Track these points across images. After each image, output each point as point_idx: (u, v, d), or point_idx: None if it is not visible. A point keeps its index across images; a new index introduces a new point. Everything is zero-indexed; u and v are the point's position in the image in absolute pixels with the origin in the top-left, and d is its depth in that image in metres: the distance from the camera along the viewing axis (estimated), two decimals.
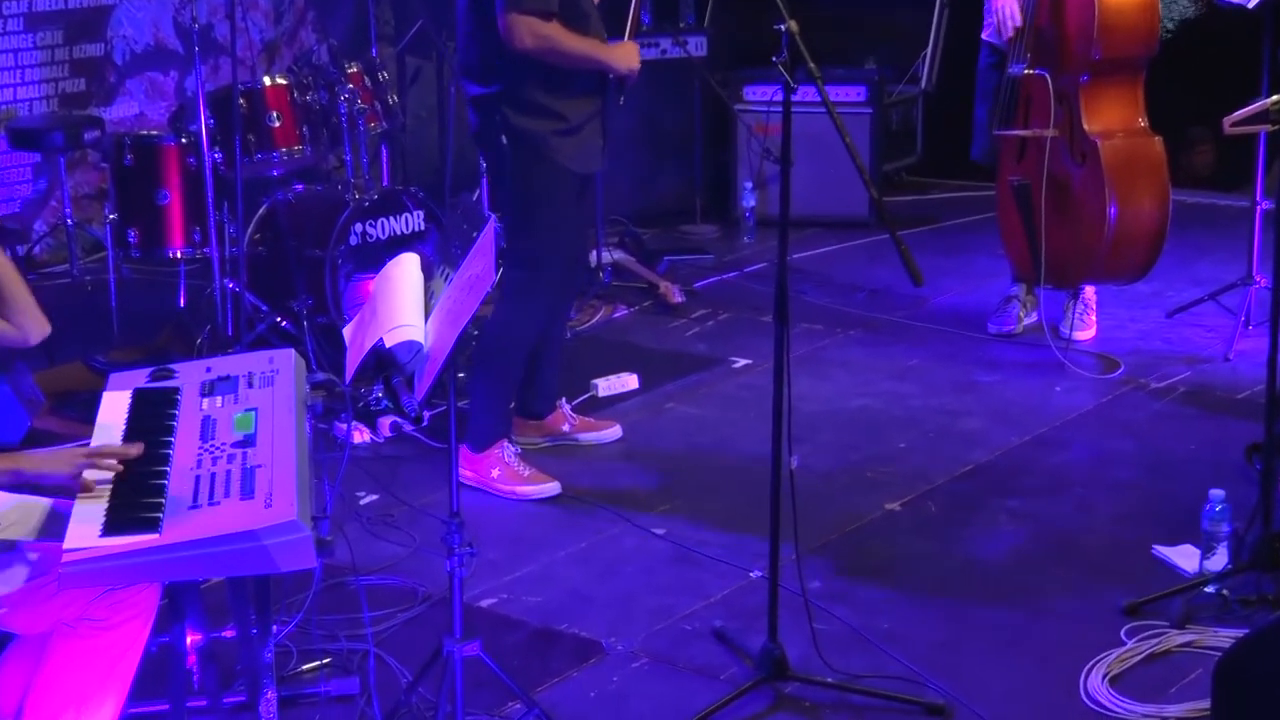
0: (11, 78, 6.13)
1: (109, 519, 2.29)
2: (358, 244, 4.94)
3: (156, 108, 6.52)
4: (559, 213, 4.06)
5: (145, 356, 4.92)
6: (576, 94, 3.98)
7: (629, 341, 5.43)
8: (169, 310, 5.41)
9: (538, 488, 4.14)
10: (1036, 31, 4.88)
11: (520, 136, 3.97)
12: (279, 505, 2.26)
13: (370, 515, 4.02)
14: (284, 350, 2.89)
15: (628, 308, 5.77)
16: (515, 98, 3.94)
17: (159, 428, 2.59)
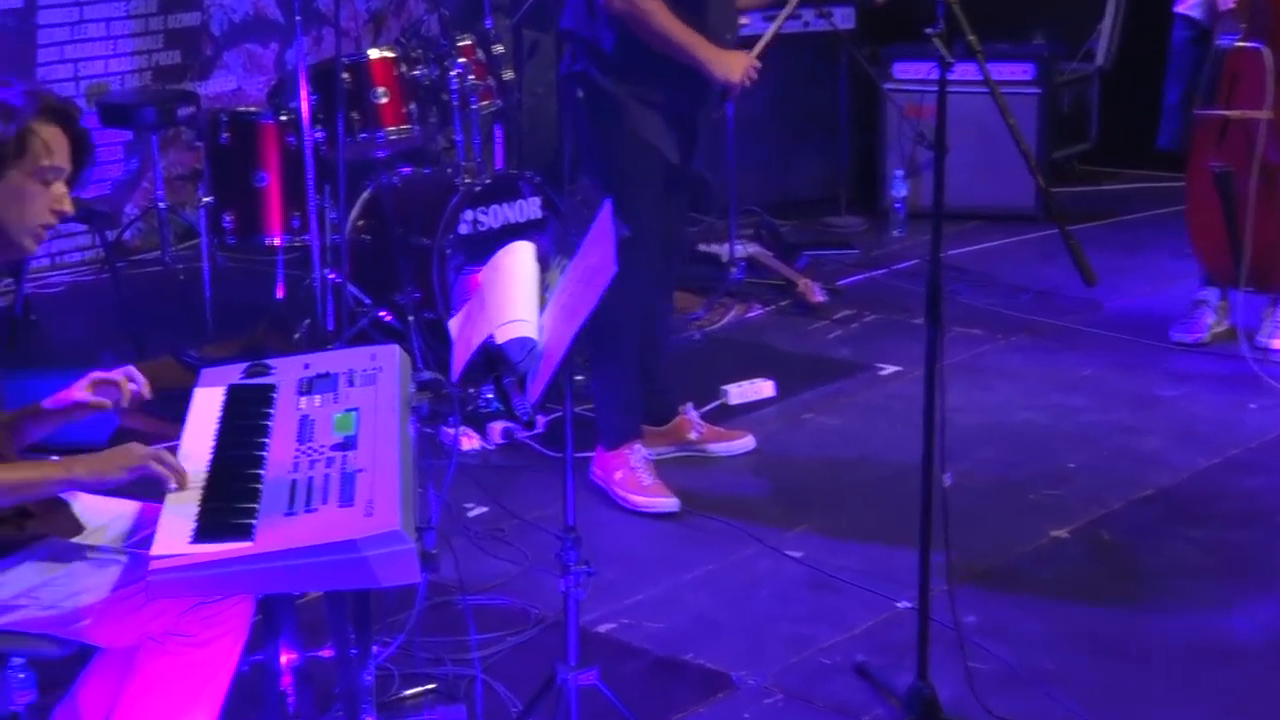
0: (102, 49, 6.30)
1: (200, 524, 2.34)
2: (468, 233, 5.00)
3: (255, 82, 6.66)
4: (642, 189, 4.03)
5: (240, 351, 5.03)
6: (663, 76, 3.97)
7: (764, 344, 5.41)
8: (265, 302, 5.52)
9: (652, 500, 4.15)
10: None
11: (600, 94, 3.98)
12: (380, 514, 2.29)
13: (479, 528, 4.06)
14: (387, 347, 2.93)
15: (763, 307, 5.75)
16: (607, 47, 3.95)
17: (254, 427, 2.64)
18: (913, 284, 5.83)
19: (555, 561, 2.94)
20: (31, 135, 2.47)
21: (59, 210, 2.53)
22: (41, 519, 2.58)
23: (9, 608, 2.48)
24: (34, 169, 2.48)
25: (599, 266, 2.66)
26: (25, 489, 2.48)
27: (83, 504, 2.73)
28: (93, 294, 6.01)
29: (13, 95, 2.48)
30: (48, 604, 2.48)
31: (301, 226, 5.14)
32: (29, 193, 2.48)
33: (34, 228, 2.51)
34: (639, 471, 4.19)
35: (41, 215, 2.51)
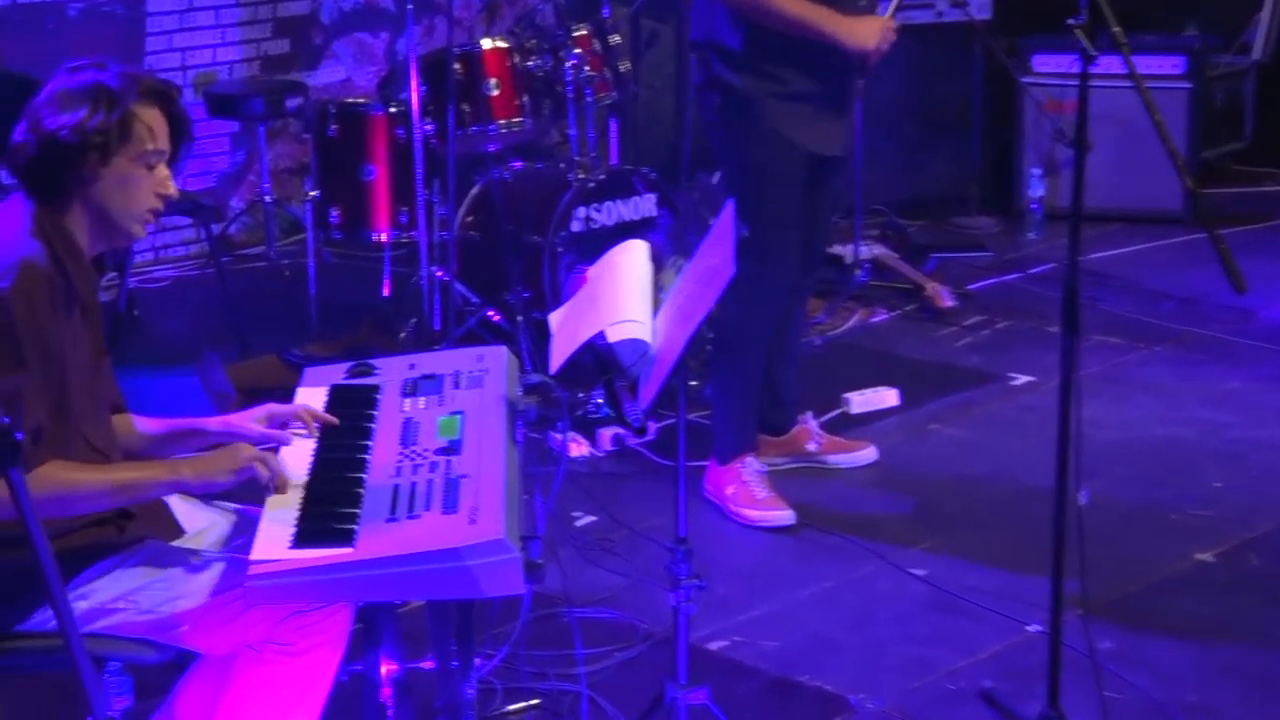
0: (210, 38, 6.41)
1: (300, 529, 2.37)
2: (581, 230, 5.02)
3: (364, 73, 6.74)
4: (782, 188, 4.02)
5: (344, 350, 5.10)
6: (798, 62, 3.95)
7: (888, 350, 5.37)
8: (371, 300, 5.60)
9: (766, 514, 4.14)
10: None
11: (734, 95, 3.96)
12: (485, 522, 2.30)
13: (587, 539, 4.07)
14: (495, 348, 2.95)
15: (888, 311, 5.71)
16: (735, 46, 3.93)
17: (356, 429, 2.68)
18: (1048, 289, 5.76)
19: (665, 575, 2.94)
20: (134, 119, 2.52)
21: (164, 194, 2.57)
22: (142, 521, 2.63)
23: (107, 610, 2.53)
24: (138, 154, 2.52)
25: (717, 268, 2.65)
26: (131, 491, 2.53)
27: (183, 507, 2.78)
28: (197, 289, 6.12)
29: (110, 78, 2.53)
30: (146, 608, 2.52)
31: (409, 222, 5.19)
32: (134, 178, 2.53)
33: (141, 213, 2.56)
34: (752, 485, 4.18)
35: (147, 200, 2.56)
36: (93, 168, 2.50)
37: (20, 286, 2.41)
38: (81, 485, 2.49)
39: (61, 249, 2.50)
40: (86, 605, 2.51)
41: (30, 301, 2.41)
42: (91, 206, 2.53)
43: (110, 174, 2.51)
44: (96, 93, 2.50)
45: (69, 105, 2.50)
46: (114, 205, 2.54)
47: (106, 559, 2.56)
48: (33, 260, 2.44)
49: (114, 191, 2.53)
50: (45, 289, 2.45)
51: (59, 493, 2.46)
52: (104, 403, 2.65)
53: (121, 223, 2.56)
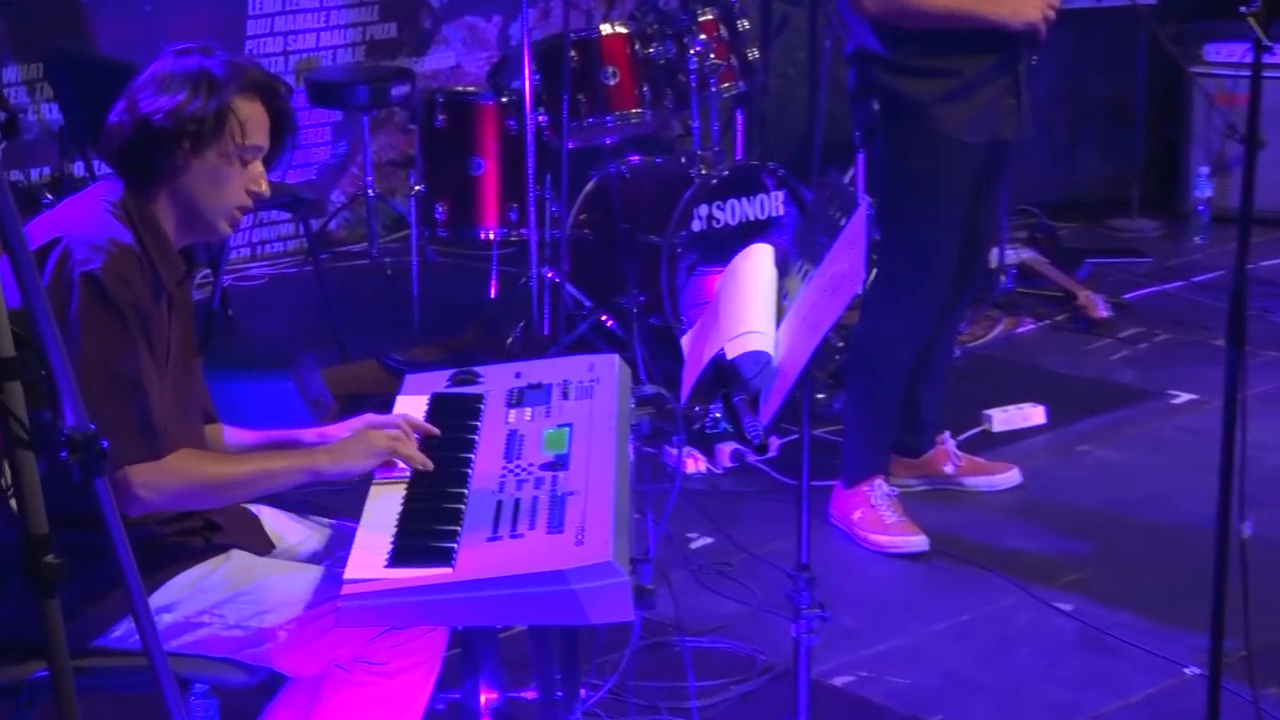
0: (314, 21, 6.50)
1: (397, 546, 2.40)
2: (702, 230, 5.03)
3: (475, 59, 6.80)
4: (945, 196, 4.02)
5: (447, 355, 5.15)
6: (969, 50, 3.93)
7: (1035, 364, 5.32)
8: (477, 302, 5.65)
9: (897, 540, 4.12)
10: None
11: (897, 101, 3.95)
12: (592, 543, 2.32)
13: (702, 562, 4.08)
14: (607, 356, 2.97)
15: (1035, 321, 5.65)
16: (890, 53, 3.92)
17: (458, 441, 2.71)
18: (1214, 299, 5.66)
19: (786, 603, 2.94)
20: (232, 111, 2.56)
21: (255, 192, 2.62)
22: (230, 532, 2.69)
23: (193, 625, 2.58)
24: (233, 147, 2.57)
25: (847, 275, 2.65)
26: (270, 480, 2.59)
27: (274, 520, 2.83)
28: (294, 288, 6.22)
29: (215, 65, 2.57)
30: (233, 623, 2.57)
31: (519, 220, 5.24)
32: (226, 172, 2.57)
33: (229, 209, 2.61)
34: (880, 509, 4.16)
35: (237, 197, 2.60)
36: (184, 156, 2.55)
37: (111, 265, 2.46)
38: (224, 475, 2.57)
39: (148, 236, 2.55)
40: (171, 619, 2.56)
41: (126, 280, 2.47)
42: (180, 197, 2.58)
43: (202, 165, 2.56)
44: (198, 79, 2.55)
45: (168, 89, 2.55)
46: (203, 198, 2.59)
47: (191, 568, 2.61)
48: (121, 240, 2.50)
49: (204, 184, 2.58)
50: (136, 270, 2.50)
51: (199, 484, 2.55)
52: (195, 408, 2.70)
53: (209, 217, 2.61)
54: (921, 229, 4.03)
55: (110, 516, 1.89)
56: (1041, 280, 5.86)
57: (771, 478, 4.50)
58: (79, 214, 2.55)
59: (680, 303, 4.97)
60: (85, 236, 2.48)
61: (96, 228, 2.51)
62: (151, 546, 2.55)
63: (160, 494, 2.50)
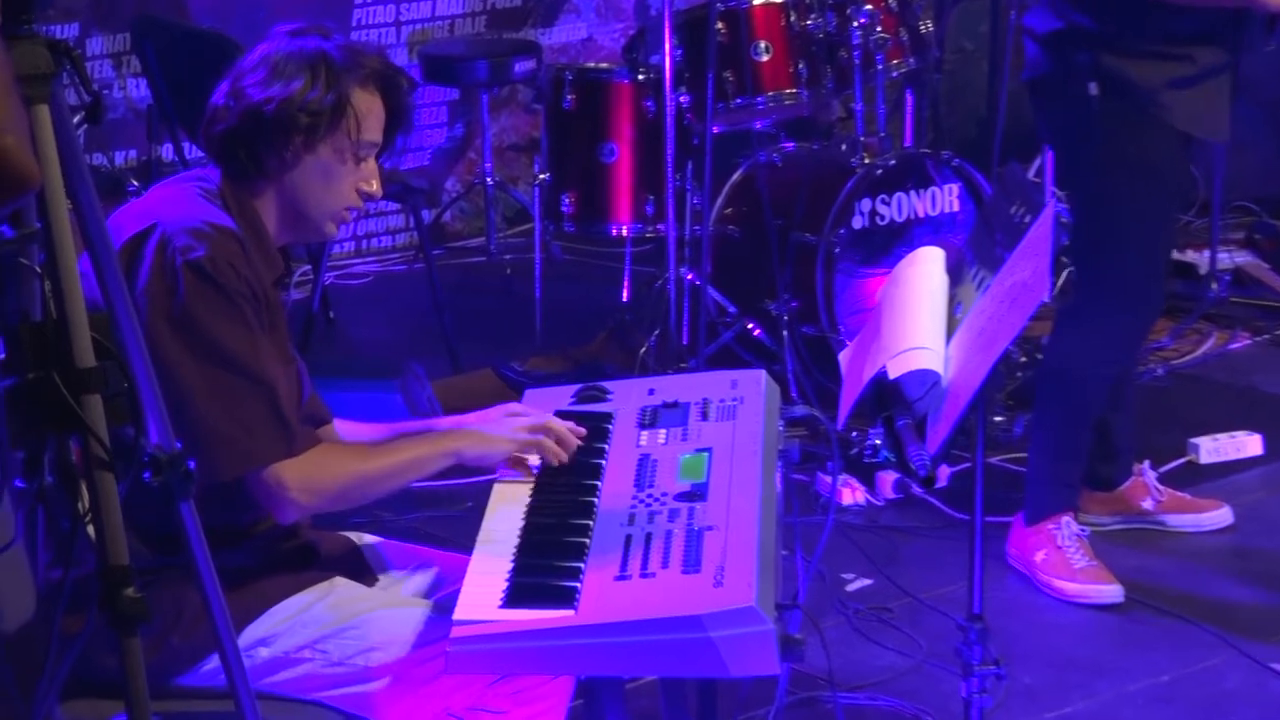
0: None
1: (513, 585, 2.42)
2: (865, 227, 5.02)
3: (610, 31, 6.83)
4: (1160, 195, 3.98)
5: (572, 367, 5.18)
6: (1201, 34, 3.89)
7: (1250, 385, 5.25)
8: (607, 306, 5.68)
9: (1087, 587, 4.07)
10: None
11: (1120, 87, 3.90)
12: (733, 585, 2.32)
13: (859, 608, 4.07)
14: (753, 371, 2.97)
15: (1252, 336, 5.57)
16: (1118, 34, 3.88)
17: (583, 466, 2.72)
18: None
19: (956, 657, 2.92)
20: (350, 103, 2.59)
21: (366, 192, 2.66)
22: (331, 559, 2.73)
23: (291, 660, 2.61)
24: (347, 144, 2.60)
25: (1029, 285, 2.63)
26: (416, 468, 2.67)
27: (378, 547, 2.87)
28: (402, 287, 6.29)
29: (334, 50, 2.61)
30: (336, 659, 2.61)
31: (656, 213, 5.26)
32: (336, 170, 2.61)
33: (337, 210, 2.65)
34: (1068, 551, 4.11)
35: (347, 196, 2.64)
36: (295, 151, 2.59)
37: (216, 252, 2.51)
38: (374, 467, 2.64)
39: (247, 229, 2.60)
40: (268, 653, 2.60)
41: (235, 269, 2.52)
42: (285, 193, 2.63)
43: (313, 160, 2.60)
44: (315, 65, 2.58)
45: (281, 74, 2.58)
46: (309, 196, 2.63)
47: (291, 598, 2.65)
48: (223, 225, 2.55)
49: (313, 181, 2.62)
50: (242, 256, 2.55)
51: (353, 479, 2.63)
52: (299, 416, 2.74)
53: (315, 216, 2.65)
54: (1142, 230, 3.97)
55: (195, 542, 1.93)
56: (1260, 288, 5.77)
57: (940, 512, 4.47)
58: (173, 199, 2.60)
59: (838, 310, 4.95)
60: (182, 222, 2.53)
61: (194, 212, 2.56)
62: (247, 573, 2.60)
63: (315, 494, 2.58)
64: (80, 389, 1.93)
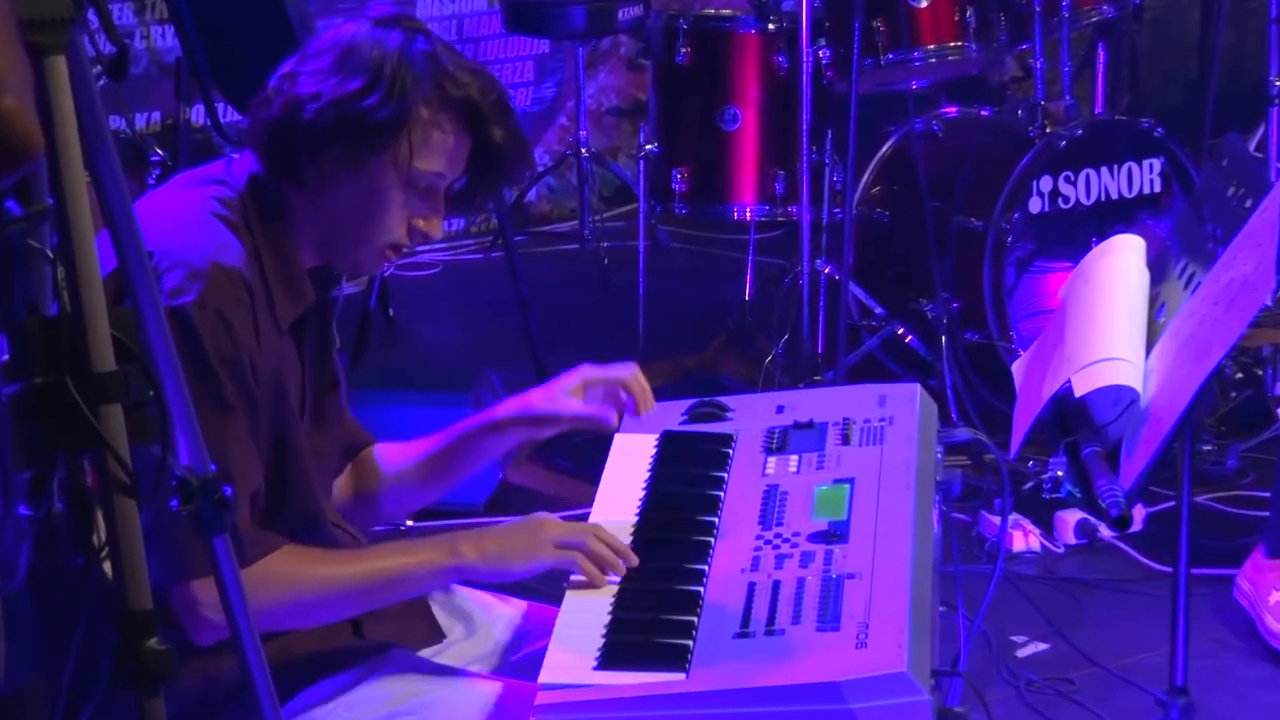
0: None
1: (610, 643, 2.43)
2: (1044, 211, 5.00)
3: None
4: None
5: (682, 378, 5.19)
6: None
7: None
8: (726, 305, 5.69)
9: None
10: None
11: None
12: (880, 646, 2.32)
13: (1033, 677, 4.05)
14: (905, 385, 2.98)
15: None
16: None
17: (697, 499, 2.73)
18: None
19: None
20: (416, 119, 2.55)
21: (421, 231, 2.63)
22: (386, 620, 2.73)
23: None
24: (407, 168, 2.58)
25: (1251, 282, 2.61)
26: (398, 587, 2.62)
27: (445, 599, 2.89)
28: (477, 280, 6.33)
29: (417, 54, 2.57)
30: None
31: (787, 193, 5.26)
32: (385, 197, 2.57)
33: (379, 246, 2.61)
34: None
35: (393, 231, 2.59)
36: (336, 163, 2.58)
37: (210, 299, 2.48)
38: (332, 582, 2.58)
39: (268, 253, 2.58)
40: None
41: (227, 324, 2.49)
42: (322, 210, 2.60)
43: (357, 179, 2.58)
44: (384, 66, 2.55)
45: (343, 68, 2.56)
46: (349, 221, 2.60)
47: (337, 674, 2.66)
48: (227, 262, 2.51)
49: (354, 204, 2.58)
50: (244, 306, 2.52)
51: (300, 595, 2.56)
52: (327, 461, 2.76)
53: (350, 247, 2.62)
54: None
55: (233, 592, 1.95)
56: None
57: (1134, 562, 4.45)
58: (178, 214, 2.57)
59: (1010, 312, 4.94)
60: (181, 252, 2.49)
61: (198, 239, 2.52)
62: (285, 643, 2.62)
63: None
64: (98, 397, 1.93)
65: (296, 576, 2.57)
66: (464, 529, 2.68)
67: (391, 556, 2.65)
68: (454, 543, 2.62)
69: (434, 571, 2.63)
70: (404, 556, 2.64)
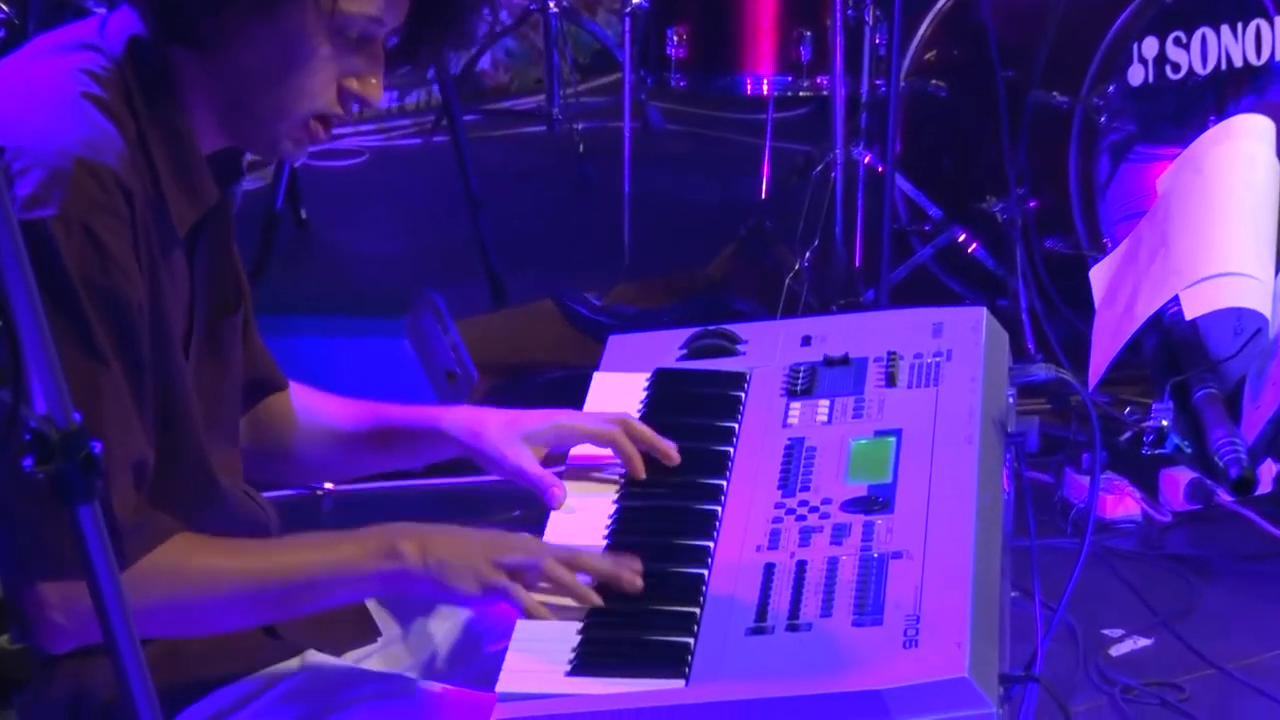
0: None
1: (587, 642, 2.44)
2: (1148, 83, 5.01)
3: None
4: None
5: (680, 301, 5.20)
6: None
7: None
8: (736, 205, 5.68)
9: None
10: None
11: None
12: (933, 645, 2.32)
13: (1131, 683, 4.07)
14: (967, 310, 2.98)
15: None
16: None
17: (700, 456, 2.75)
18: None
19: None
20: None
21: (356, 94, 2.61)
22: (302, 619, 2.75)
23: None
24: (331, 12, 2.55)
25: None
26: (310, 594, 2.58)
27: None
28: (414, 173, 6.33)
29: None
30: None
31: (815, 61, 5.26)
32: (305, 51, 2.55)
33: (301, 116, 2.57)
34: None
35: (320, 97, 2.57)
36: (241, 11, 2.55)
37: (76, 211, 2.45)
38: (228, 583, 2.56)
39: (156, 137, 2.56)
40: None
41: (99, 245, 2.47)
42: (223, 78, 2.58)
43: (270, 31, 2.56)
44: None
45: None
46: (258, 88, 2.57)
47: (238, 682, 2.67)
48: (103, 165, 2.48)
49: (267, 63, 2.54)
50: (125, 217, 2.50)
51: (188, 598, 2.55)
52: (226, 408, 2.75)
53: (262, 121, 2.59)
54: None
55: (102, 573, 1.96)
56: None
57: (1262, 533, 4.49)
58: (34, 95, 2.53)
59: (1102, 213, 4.95)
60: (37, 147, 2.44)
61: (60, 128, 2.47)
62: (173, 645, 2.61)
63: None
64: None
65: (185, 575, 2.55)
66: (404, 524, 2.66)
67: (307, 550, 2.62)
68: (390, 540, 2.57)
69: (360, 576, 2.59)
70: (324, 552, 2.60)
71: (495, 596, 2.54)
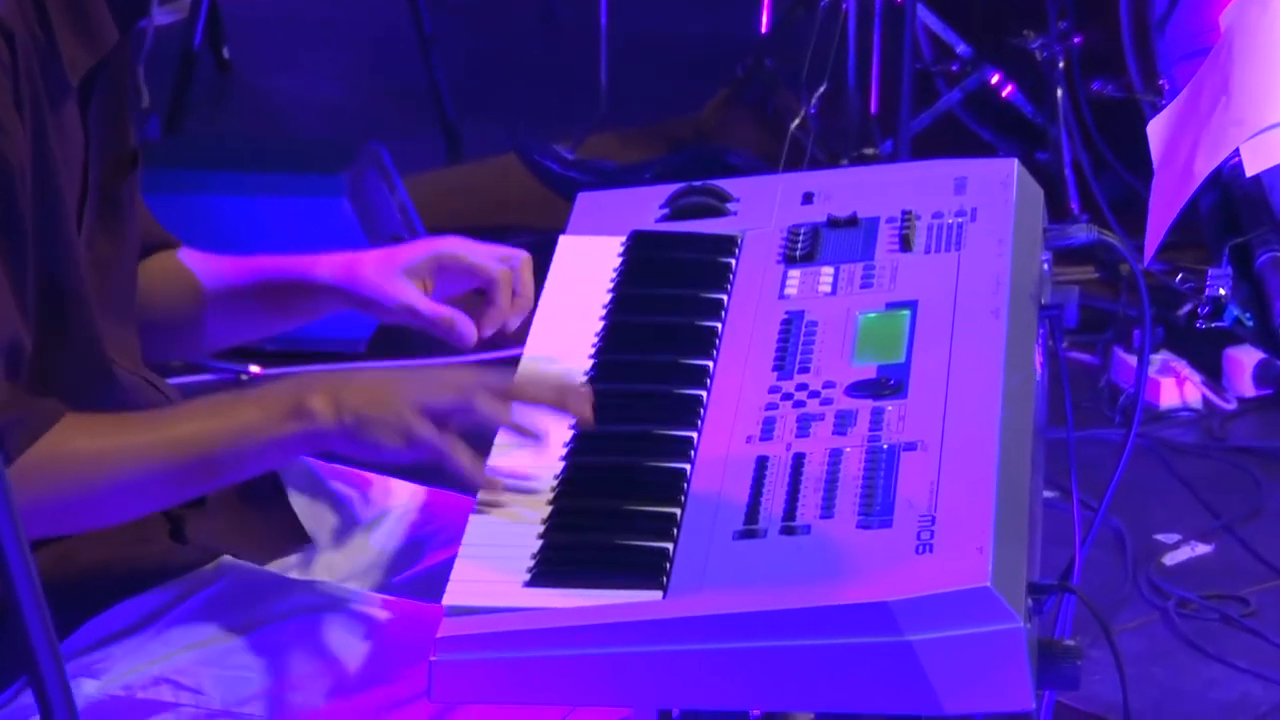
0: None
1: (549, 548, 2.46)
2: None
3: None
4: None
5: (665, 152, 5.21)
6: None
7: None
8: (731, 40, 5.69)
9: None
10: None
11: None
12: (951, 551, 2.34)
13: (1186, 595, 4.09)
14: (998, 161, 3.00)
15: None
16: None
17: (682, 333, 2.77)
18: None
19: None
20: None
21: None
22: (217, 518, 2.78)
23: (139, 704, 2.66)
24: None
25: None
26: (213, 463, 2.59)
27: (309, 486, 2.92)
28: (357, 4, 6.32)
29: None
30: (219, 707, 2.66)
31: None
32: None
33: None
34: None
35: None
36: None
37: None
38: (119, 459, 2.56)
39: None
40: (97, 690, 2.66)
41: None
42: None
43: None
44: None
45: None
46: None
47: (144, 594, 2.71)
48: None
49: None
50: (5, 65, 2.45)
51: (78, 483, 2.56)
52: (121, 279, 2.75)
53: None
54: None
55: None
56: None
57: None
58: None
59: (1160, 52, 4.96)
60: None
61: None
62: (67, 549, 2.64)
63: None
64: None
65: (73, 460, 2.55)
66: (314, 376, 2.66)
67: (202, 417, 2.62)
68: (297, 396, 2.56)
69: (266, 442, 2.58)
70: (222, 418, 2.61)
71: (422, 449, 2.52)
